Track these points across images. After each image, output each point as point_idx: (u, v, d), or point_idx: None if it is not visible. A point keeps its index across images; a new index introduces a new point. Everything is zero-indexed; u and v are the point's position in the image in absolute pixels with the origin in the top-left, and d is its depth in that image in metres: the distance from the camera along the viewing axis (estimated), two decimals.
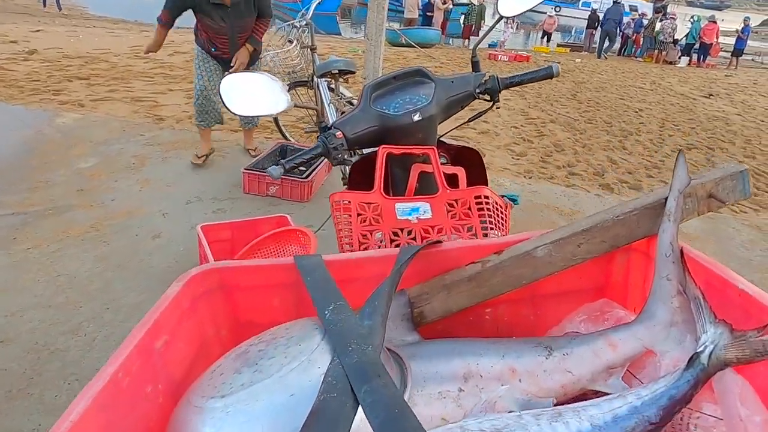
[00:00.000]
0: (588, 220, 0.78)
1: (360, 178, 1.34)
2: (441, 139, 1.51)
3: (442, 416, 0.65)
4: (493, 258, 0.79)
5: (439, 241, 0.82)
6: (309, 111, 3.87)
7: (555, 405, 0.69)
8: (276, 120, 4.07)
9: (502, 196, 1.33)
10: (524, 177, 4.11)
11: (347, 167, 1.61)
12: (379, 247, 1.17)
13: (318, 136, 1.27)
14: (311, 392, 0.52)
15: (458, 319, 0.84)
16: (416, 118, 1.29)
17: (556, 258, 0.77)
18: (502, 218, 1.22)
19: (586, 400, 0.72)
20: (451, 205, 1.22)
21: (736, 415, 0.56)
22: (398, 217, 1.24)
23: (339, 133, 1.28)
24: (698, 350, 0.63)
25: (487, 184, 1.49)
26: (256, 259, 2.48)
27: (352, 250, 1.18)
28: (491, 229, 1.19)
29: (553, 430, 0.60)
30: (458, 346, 0.73)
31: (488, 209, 1.18)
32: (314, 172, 3.31)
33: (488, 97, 1.43)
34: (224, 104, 1.18)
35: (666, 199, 0.74)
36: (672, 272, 0.72)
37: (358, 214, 1.21)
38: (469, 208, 1.21)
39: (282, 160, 1.28)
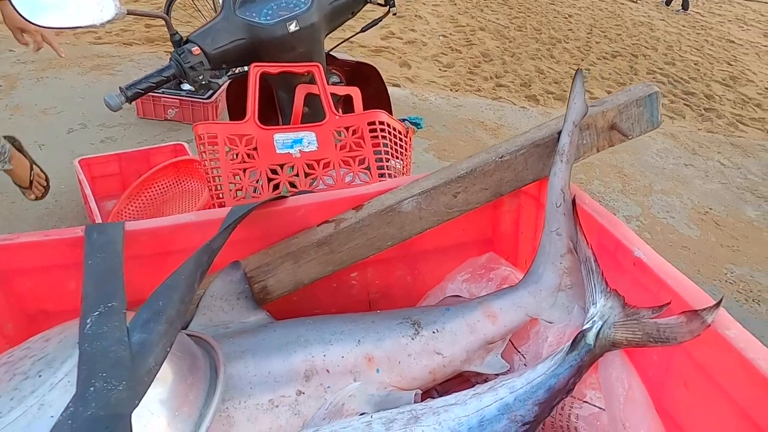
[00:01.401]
0: (466, 164, 0.61)
1: (242, 104, 1.10)
2: (331, 54, 1.29)
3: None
4: (350, 216, 0.62)
5: (283, 196, 0.64)
6: (154, 20, 3.37)
7: (421, 395, 0.57)
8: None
9: (403, 120, 1.15)
10: (450, 90, 3.92)
11: None
12: (255, 189, 0.98)
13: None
14: None
15: (320, 287, 0.68)
16: (293, 27, 1.05)
17: (427, 212, 0.62)
18: (401, 146, 1.05)
19: (456, 385, 0.60)
20: (341, 134, 1.03)
21: (618, 411, 0.45)
22: (278, 151, 1.04)
23: (196, 49, 1.02)
24: (585, 327, 0.51)
25: (389, 106, 1.31)
26: (145, 196, 2.22)
27: (219, 195, 0.98)
28: (390, 159, 1.02)
29: None
30: (303, 333, 0.58)
31: (384, 137, 1.01)
32: (220, 91, 2.95)
33: (383, 1, 1.22)
34: (18, 12, 0.88)
35: (559, 133, 0.59)
36: (562, 226, 0.58)
37: (229, 149, 1.00)
38: (362, 137, 1.02)
39: (123, 86, 1.02)
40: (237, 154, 0.99)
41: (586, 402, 0.51)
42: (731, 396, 0.37)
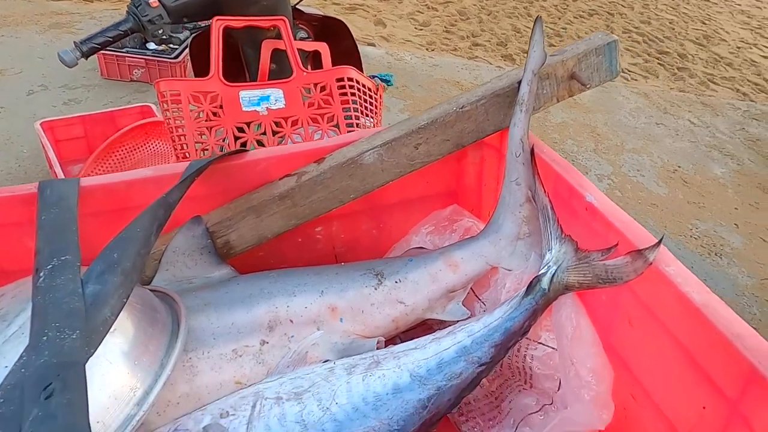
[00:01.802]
0: (427, 115, 0.61)
1: (206, 61, 1.07)
2: (297, 7, 1.25)
3: (236, 379, 0.52)
4: (311, 169, 0.61)
5: (243, 150, 0.63)
6: None
7: (385, 343, 0.58)
8: None
9: (373, 77, 1.13)
10: (426, 50, 3.85)
11: None
12: (221, 148, 0.96)
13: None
14: None
15: (285, 241, 0.69)
16: None
17: (389, 164, 0.62)
18: (371, 103, 1.04)
19: (419, 333, 0.62)
20: (310, 91, 1.01)
21: (567, 348, 0.47)
22: (244, 109, 1.02)
23: (154, 1, 0.98)
24: (540, 272, 0.53)
25: (359, 63, 1.28)
26: (112, 159, 2.17)
27: (185, 155, 0.96)
28: (360, 116, 1.01)
29: (365, 387, 0.49)
30: (267, 286, 0.58)
31: (353, 94, 0.99)
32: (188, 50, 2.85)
33: None
34: None
35: (519, 83, 0.59)
36: (521, 175, 0.59)
37: (194, 108, 0.98)
38: (331, 94, 1.01)
39: (78, 41, 0.98)
40: (202, 112, 0.97)
41: (540, 343, 0.53)
42: (669, 329, 0.38)
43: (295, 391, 0.49)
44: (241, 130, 0.97)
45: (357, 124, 0.99)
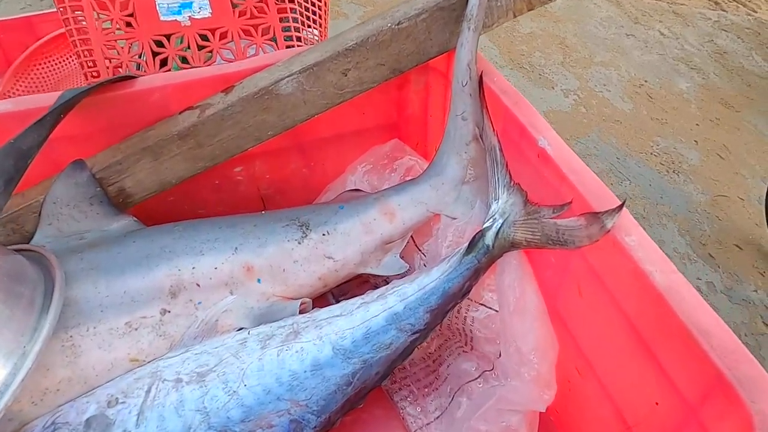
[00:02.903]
0: (356, 32, 0.50)
1: None
2: None
3: (131, 356, 0.44)
4: (217, 101, 0.50)
5: (130, 76, 0.51)
6: None
7: (312, 303, 0.51)
8: None
9: None
10: None
11: None
12: (138, 66, 0.82)
13: None
14: None
15: (200, 184, 0.59)
16: None
17: (312, 95, 0.51)
18: (315, 11, 0.89)
19: (354, 287, 0.55)
20: None
21: (508, 317, 0.41)
22: (162, 18, 0.86)
23: None
24: (485, 226, 0.46)
25: None
26: (34, 73, 1.93)
27: (94, 74, 0.82)
28: (301, 28, 0.87)
29: (279, 365, 0.42)
30: (169, 243, 0.49)
31: (292, 0, 0.85)
32: None
33: None
34: None
35: None
36: (468, 108, 0.50)
37: (99, 15, 0.82)
38: (265, 0, 0.86)
39: None
40: (110, 22, 0.82)
41: (482, 305, 0.47)
42: (624, 309, 0.32)
43: (199, 370, 0.42)
44: (159, 44, 0.82)
45: (298, 38, 0.86)
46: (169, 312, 0.46)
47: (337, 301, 0.57)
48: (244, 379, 0.41)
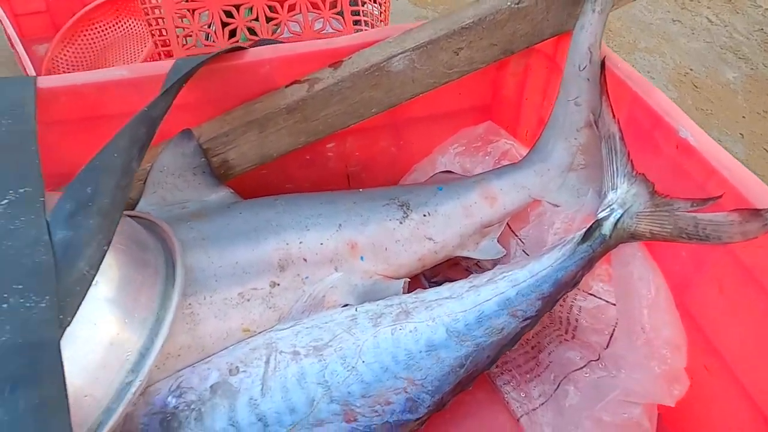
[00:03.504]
0: (473, 11, 0.49)
1: None
2: None
3: (244, 327, 0.45)
4: (326, 75, 0.50)
5: (240, 47, 0.51)
6: None
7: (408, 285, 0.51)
8: None
9: None
10: None
11: None
12: (207, 35, 0.82)
13: None
14: None
15: (292, 159, 0.59)
16: None
17: (422, 73, 0.50)
18: None
19: (445, 269, 0.55)
20: None
21: (637, 312, 0.41)
22: None
23: None
24: (601, 215, 0.45)
25: None
26: (81, 39, 1.93)
27: (165, 42, 0.82)
28: (366, 1, 0.86)
29: (395, 344, 0.43)
30: (274, 217, 0.50)
31: None
32: None
33: None
34: None
35: None
36: (584, 94, 0.49)
37: None
38: None
39: None
40: None
41: (591, 294, 0.47)
42: None
43: (315, 344, 0.43)
44: (229, 14, 0.82)
45: (362, 12, 0.84)
46: (278, 285, 0.47)
47: (429, 282, 0.57)
48: (361, 355, 0.42)
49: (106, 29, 2.02)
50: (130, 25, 2.06)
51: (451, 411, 0.44)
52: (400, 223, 0.51)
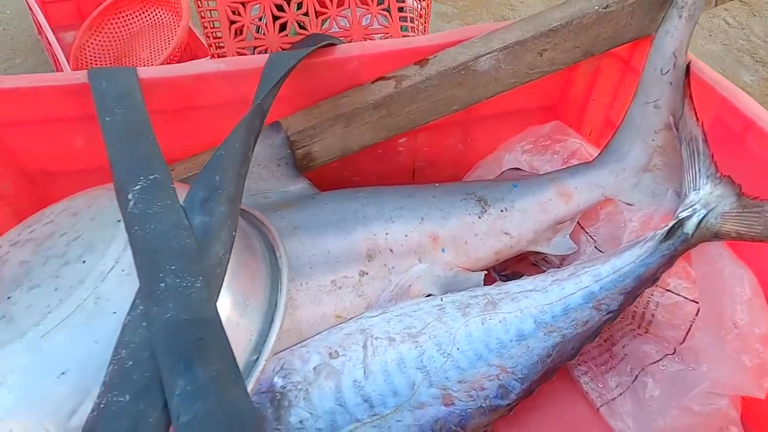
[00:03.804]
0: (560, 13, 0.50)
1: None
2: None
3: (336, 313, 0.47)
4: (413, 72, 0.51)
5: (331, 43, 0.52)
6: None
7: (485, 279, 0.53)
8: None
9: None
10: None
11: None
12: (258, 29, 0.83)
13: None
14: (97, 367, 0.29)
15: (364, 152, 0.60)
16: None
17: (505, 72, 0.52)
18: None
19: (513, 263, 0.57)
20: None
21: (729, 311, 0.43)
22: None
23: None
24: (682, 214, 0.47)
25: None
26: (108, 28, 1.94)
27: (215, 35, 0.83)
28: None
29: (486, 332, 0.44)
30: (359, 208, 0.51)
31: None
32: None
33: None
34: None
35: None
36: (664, 97, 0.50)
37: None
38: None
39: None
40: None
41: (669, 291, 0.49)
42: None
43: (408, 332, 0.44)
44: (280, 8, 0.83)
45: (407, 8, 0.86)
46: (367, 274, 0.49)
47: (499, 275, 0.59)
48: (455, 343, 0.44)
49: (133, 18, 2.03)
50: (156, 14, 2.07)
51: (534, 399, 0.46)
52: (479, 217, 0.53)
